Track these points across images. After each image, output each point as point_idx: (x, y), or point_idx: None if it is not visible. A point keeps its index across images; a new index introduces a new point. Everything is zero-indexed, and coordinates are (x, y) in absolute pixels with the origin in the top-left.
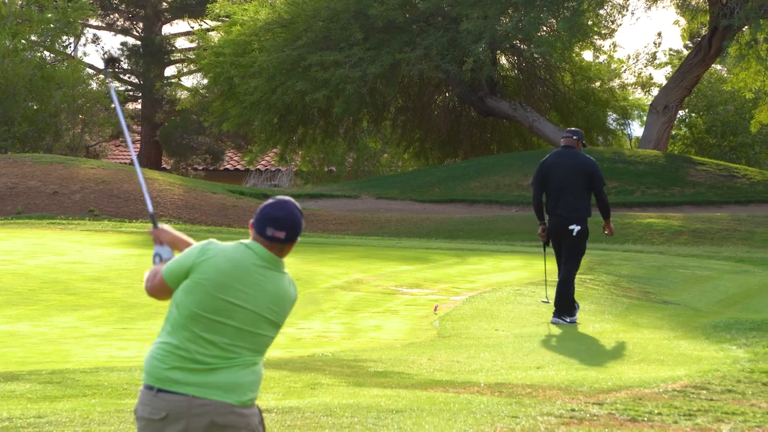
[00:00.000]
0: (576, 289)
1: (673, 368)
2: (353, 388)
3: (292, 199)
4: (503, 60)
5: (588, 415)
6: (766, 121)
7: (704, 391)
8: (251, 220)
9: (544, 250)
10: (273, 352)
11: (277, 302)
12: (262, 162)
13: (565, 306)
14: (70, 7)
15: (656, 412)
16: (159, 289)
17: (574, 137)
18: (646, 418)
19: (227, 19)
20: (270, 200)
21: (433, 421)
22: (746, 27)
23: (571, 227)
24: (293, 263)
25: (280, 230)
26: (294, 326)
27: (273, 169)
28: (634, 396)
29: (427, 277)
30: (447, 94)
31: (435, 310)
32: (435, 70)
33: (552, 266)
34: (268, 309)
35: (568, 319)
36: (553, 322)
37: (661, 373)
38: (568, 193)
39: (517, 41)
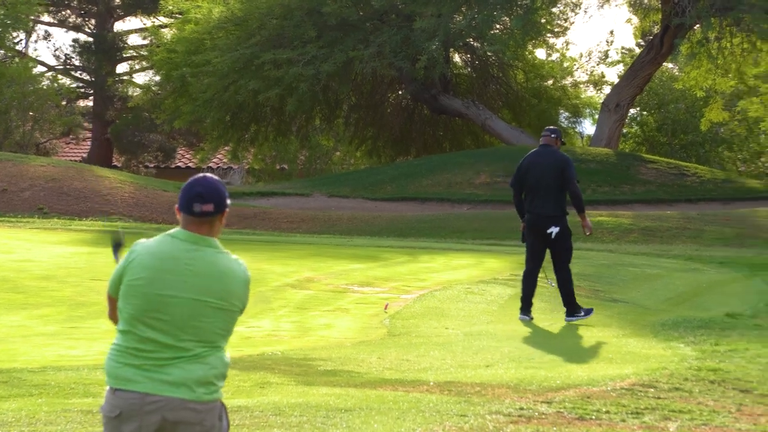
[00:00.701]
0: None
1: (621, 366)
2: (303, 387)
3: (210, 174)
4: (456, 58)
5: (536, 414)
6: (717, 120)
7: (652, 390)
8: (176, 206)
9: (522, 244)
10: None
11: (217, 283)
12: (214, 160)
13: (572, 303)
14: (20, 2)
15: (604, 410)
16: (111, 306)
17: (552, 135)
18: (594, 417)
19: (180, 16)
20: (189, 180)
21: (382, 419)
22: (698, 25)
23: (549, 230)
24: (243, 261)
25: (207, 203)
26: (244, 325)
27: (225, 166)
28: (582, 394)
29: (378, 275)
30: (400, 92)
31: (385, 308)
32: (388, 68)
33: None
34: (207, 292)
35: (582, 313)
36: (567, 321)
37: (609, 372)
38: (543, 192)
39: (471, 39)
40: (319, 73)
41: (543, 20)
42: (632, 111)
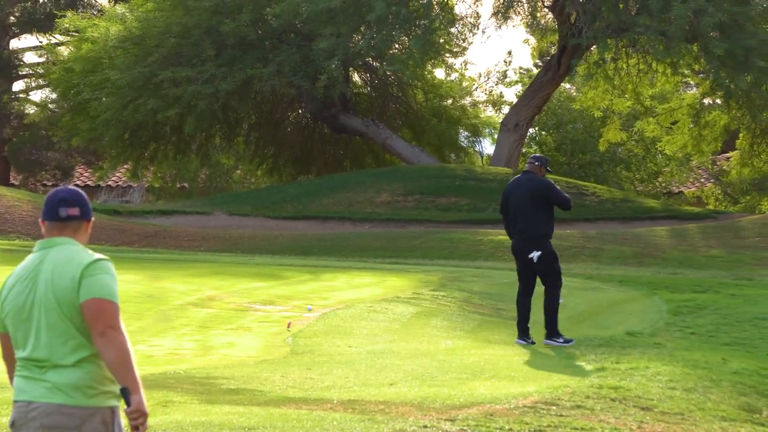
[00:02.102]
0: (428, 306)
1: (523, 384)
2: (205, 405)
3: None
4: (356, 77)
5: None
6: (614, 140)
7: (554, 407)
8: (40, 219)
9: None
10: None
11: (59, 275)
12: (113, 178)
13: (554, 327)
14: None
15: (507, 428)
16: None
17: (536, 163)
18: None
19: (77, 34)
20: (49, 192)
21: None
22: (594, 46)
23: (531, 255)
24: (145, 280)
25: (73, 207)
26: (145, 343)
27: (124, 185)
28: (485, 412)
29: (280, 293)
30: (300, 111)
31: (288, 326)
32: (288, 87)
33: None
34: (52, 288)
35: (560, 340)
36: (546, 344)
37: (512, 389)
38: (523, 218)
39: (370, 59)
40: (218, 91)
41: (441, 40)
42: (531, 131)
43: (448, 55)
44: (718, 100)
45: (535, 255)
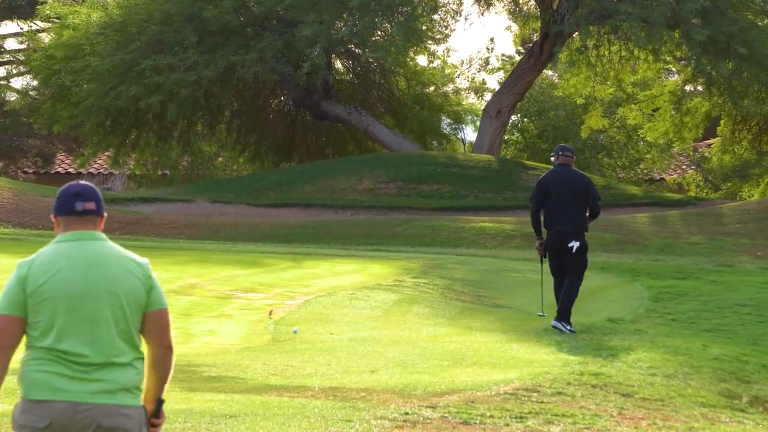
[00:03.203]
0: (409, 293)
1: (505, 371)
2: (187, 393)
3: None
4: (338, 64)
5: (421, 419)
6: (596, 127)
7: (535, 394)
8: (52, 214)
9: (542, 264)
10: None
11: (126, 271)
12: (95, 165)
13: (567, 313)
14: None
15: (488, 414)
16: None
17: (570, 155)
18: (478, 421)
19: (58, 20)
20: (62, 187)
21: (267, 425)
22: (576, 33)
23: (570, 244)
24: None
25: (89, 201)
26: None
27: (106, 172)
28: (466, 399)
29: (262, 281)
30: (282, 98)
31: (270, 314)
32: (270, 73)
33: (547, 278)
34: (120, 283)
35: (568, 327)
36: (553, 326)
37: (493, 376)
38: (567, 210)
39: (353, 45)
40: (201, 78)
41: (424, 27)
42: (513, 118)
43: (430, 42)
44: (700, 87)
45: (574, 245)
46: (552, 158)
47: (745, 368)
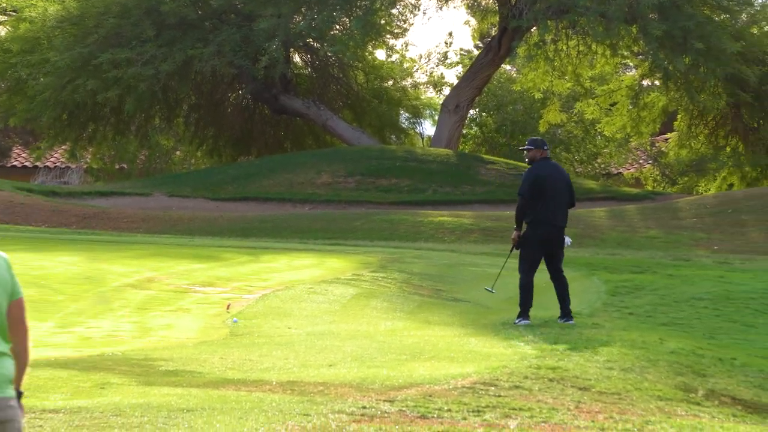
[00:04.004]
0: (368, 287)
1: (462, 365)
2: (143, 387)
3: None
4: (297, 58)
5: (379, 413)
6: (554, 121)
7: (493, 388)
8: None
9: (510, 253)
10: (61, 352)
11: None
12: (51, 159)
13: (568, 308)
14: None
15: (446, 408)
16: None
17: (546, 148)
18: (435, 415)
19: (14, 13)
20: None
21: (225, 419)
22: (534, 28)
23: (567, 240)
24: (83, 261)
25: None
26: (83, 325)
27: (62, 166)
28: (424, 393)
29: (220, 275)
30: (240, 92)
31: (228, 308)
32: (228, 67)
33: (511, 263)
34: None
35: (572, 320)
36: (562, 322)
37: (451, 370)
38: (562, 205)
39: (311, 39)
40: (159, 72)
41: (382, 21)
42: (472, 112)
43: (388, 36)
44: (657, 82)
45: (569, 240)
46: (526, 151)
47: (702, 362)
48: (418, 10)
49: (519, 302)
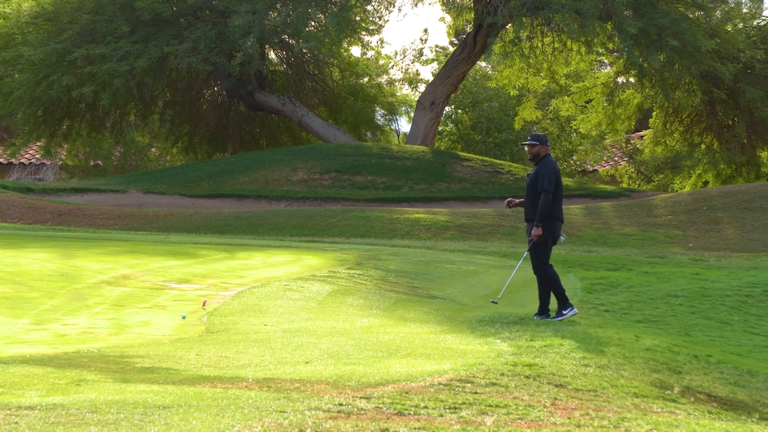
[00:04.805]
0: (344, 284)
1: (439, 362)
2: (119, 384)
3: None
4: (272, 55)
5: (355, 409)
6: (530, 118)
7: (469, 385)
8: None
9: (526, 253)
10: (36, 349)
11: None
12: (26, 155)
13: (566, 300)
14: None
15: (422, 405)
16: None
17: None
18: (412, 412)
19: None
20: None
21: (201, 416)
22: (510, 25)
23: (561, 236)
24: (58, 258)
25: None
26: (59, 322)
27: (37, 162)
28: (400, 390)
29: (196, 272)
30: (216, 89)
31: (203, 305)
32: (203, 63)
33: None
34: None
35: (570, 311)
36: (558, 319)
37: (427, 367)
38: (561, 200)
39: (286, 36)
40: (134, 68)
41: (358, 18)
42: (447, 109)
43: (364, 33)
44: (632, 79)
45: (562, 237)
46: (529, 147)
47: (677, 359)
48: (393, 6)
49: (555, 295)
